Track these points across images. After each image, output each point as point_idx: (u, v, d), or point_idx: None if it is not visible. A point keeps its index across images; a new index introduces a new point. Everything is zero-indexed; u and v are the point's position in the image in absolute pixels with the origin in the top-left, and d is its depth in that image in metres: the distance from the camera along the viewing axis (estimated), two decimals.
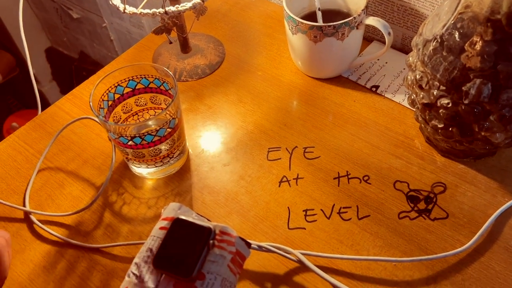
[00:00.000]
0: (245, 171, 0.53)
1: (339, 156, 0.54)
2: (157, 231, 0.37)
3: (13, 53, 1.55)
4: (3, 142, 0.58)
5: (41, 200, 0.52)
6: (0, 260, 0.42)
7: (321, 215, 0.49)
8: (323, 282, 0.43)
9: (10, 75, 1.56)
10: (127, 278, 0.35)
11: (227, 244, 0.35)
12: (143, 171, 0.52)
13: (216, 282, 0.34)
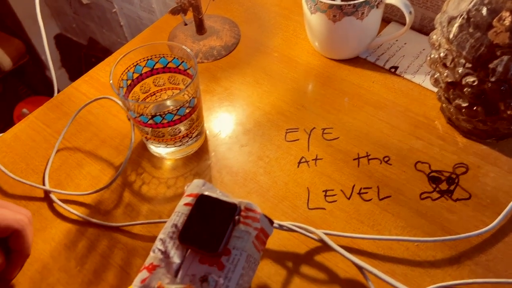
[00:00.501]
0: (263, 152, 0.53)
1: (358, 137, 0.53)
2: (182, 207, 0.37)
3: (23, 40, 1.55)
4: (22, 123, 0.58)
5: (60, 180, 0.52)
6: (23, 239, 0.42)
7: (341, 195, 0.48)
8: (344, 261, 0.43)
9: (20, 61, 1.56)
10: (152, 253, 0.35)
11: (252, 220, 0.35)
12: (162, 151, 0.52)
13: (241, 258, 0.34)
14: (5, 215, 0.40)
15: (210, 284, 0.33)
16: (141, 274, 0.35)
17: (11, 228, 0.40)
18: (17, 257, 0.43)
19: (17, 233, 0.41)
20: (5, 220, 0.40)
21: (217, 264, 0.34)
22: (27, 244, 0.42)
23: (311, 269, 0.43)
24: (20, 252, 0.42)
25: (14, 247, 0.42)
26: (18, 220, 0.41)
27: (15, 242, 0.42)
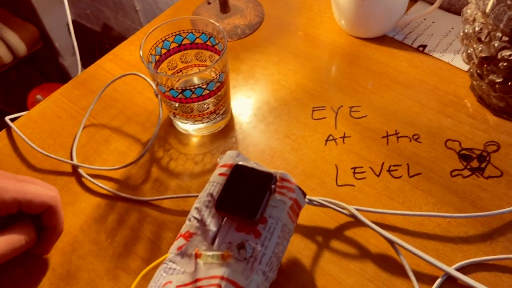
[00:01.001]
0: (289, 129, 0.53)
1: (386, 115, 0.53)
2: (216, 177, 0.37)
3: (37, 26, 1.56)
4: (47, 100, 0.59)
5: (87, 155, 0.52)
6: (57, 215, 0.42)
7: (370, 172, 0.49)
8: (375, 236, 0.44)
9: (34, 48, 1.57)
10: (188, 222, 0.36)
11: (287, 190, 0.36)
12: (189, 127, 0.52)
13: (277, 227, 0.34)
14: (40, 191, 0.41)
15: (247, 251, 0.33)
16: (177, 242, 0.36)
17: (46, 205, 0.40)
18: (51, 233, 0.43)
19: (52, 210, 0.41)
20: (40, 196, 0.40)
21: (253, 232, 0.34)
22: (61, 220, 0.43)
23: (341, 244, 0.43)
24: (54, 228, 0.43)
25: (48, 224, 0.41)
26: (52, 196, 0.41)
27: (50, 218, 0.41)
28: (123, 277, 0.43)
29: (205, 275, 0.32)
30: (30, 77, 1.69)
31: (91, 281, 0.43)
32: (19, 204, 0.39)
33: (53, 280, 0.43)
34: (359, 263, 0.42)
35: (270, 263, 0.35)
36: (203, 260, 0.33)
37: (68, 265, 0.44)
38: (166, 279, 0.34)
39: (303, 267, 0.42)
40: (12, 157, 0.53)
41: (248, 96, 0.57)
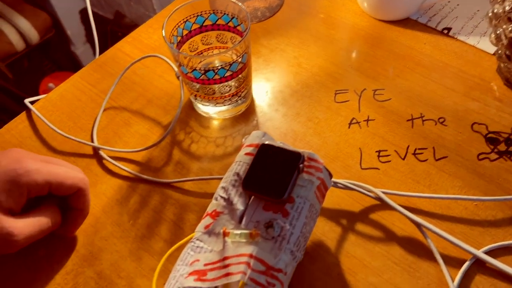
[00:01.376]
0: (312, 112, 0.53)
1: (411, 98, 0.53)
2: (243, 156, 0.37)
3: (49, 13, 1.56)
4: (67, 82, 0.59)
5: (108, 138, 0.53)
6: (86, 197, 0.43)
7: (395, 156, 0.48)
8: (401, 220, 0.43)
9: (47, 35, 1.58)
10: (215, 201, 0.36)
11: (315, 170, 0.35)
12: (210, 110, 0.52)
13: (304, 207, 0.34)
14: (71, 174, 0.40)
15: (275, 230, 0.33)
16: (204, 221, 0.36)
17: (76, 187, 0.40)
18: (78, 215, 0.43)
19: (81, 192, 0.41)
20: (71, 178, 0.40)
21: (281, 211, 0.34)
22: (88, 202, 0.43)
23: (367, 227, 0.43)
24: (81, 210, 0.42)
25: (76, 206, 0.42)
26: (81, 178, 0.41)
27: (78, 200, 0.42)
28: (146, 258, 0.43)
29: (234, 253, 0.32)
30: (42, 65, 1.70)
31: (114, 262, 0.43)
32: (50, 186, 0.39)
33: (76, 260, 0.43)
34: (385, 246, 0.42)
35: (298, 243, 0.34)
36: (231, 239, 0.33)
37: (91, 246, 0.44)
38: (193, 257, 0.34)
39: (327, 249, 0.42)
40: (33, 139, 0.53)
41: (269, 79, 0.57)
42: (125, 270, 0.42)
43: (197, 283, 0.32)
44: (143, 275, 0.42)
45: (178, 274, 0.33)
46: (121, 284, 0.42)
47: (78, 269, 0.43)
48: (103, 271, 0.42)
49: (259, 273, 0.32)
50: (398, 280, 0.40)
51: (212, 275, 0.32)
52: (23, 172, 0.37)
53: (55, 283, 0.42)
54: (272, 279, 0.32)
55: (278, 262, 0.33)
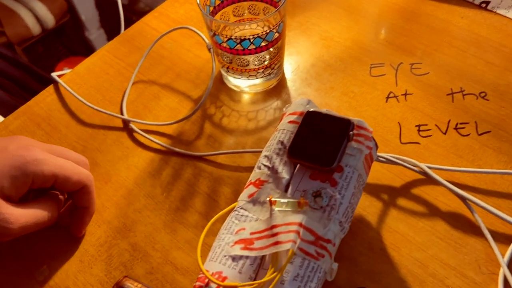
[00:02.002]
0: (347, 87, 0.51)
1: (450, 73, 0.51)
2: (286, 125, 0.35)
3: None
4: (93, 56, 0.57)
5: (138, 111, 0.51)
6: (91, 194, 0.40)
7: (436, 130, 0.46)
8: (445, 195, 0.42)
9: (62, 20, 1.56)
10: (258, 170, 0.34)
11: (364, 138, 0.34)
12: (242, 83, 0.51)
13: (353, 176, 0.33)
14: (77, 169, 0.38)
15: (324, 200, 0.32)
16: (247, 190, 0.35)
17: (81, 183, 0.38)
18: (84, 214, 0.40)
19: (86, 189, 0.39)
20: (78, 174, 0.38)
21: (329, 180, 0.33)
22: (93, 200, 0.41)
23: (409, 202, 0.42)
24: (87, 208, 0.40)
25: (81, 203, 0.40)
26: (87, 175, 0.39)
27: (83, 198, 0.39)
28: (181, 231, 0.42)
29: (282, 221, 0.31)
30: (56, 51, 1.69)
31: (149, 234, 0.42)
32: (56, 179, 0.37)
33: (109, 232, 0.42)
34: (429, 221, 0.40)
35: (346, 213, 0.33)
36: (277, 208, 0.32)
37: (124, 218, 0.43)
38: (238, 226, 0.33)
39: (369, 224, 0.41)
40: (61, 112, 0.52)
41: (301, 53, 0.55)
42: (159, 242, 0.41)
43: (244, 252, 0.31)
44: (179, 247, 0.41)
45: (224, 243, 0.32)
46: (156, 256, 0.40)
47: (111, 241, 0.42)
48: (137, 243, 0.41)
49: (308, 243, 0.31)
50: (444, 256, 0.38)
51: (259, 244, 0.31)
52: (31, 160, 0.35)
53: (88, 255, 0.41)
54: (321, 249, 0.31)
55: (327, 233, 0.31)
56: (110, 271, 0.40)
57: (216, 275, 0.30)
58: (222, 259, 0.31)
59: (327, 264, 0.31)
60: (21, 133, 0.50)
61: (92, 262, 0.41)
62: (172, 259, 0.40)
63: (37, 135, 0.50)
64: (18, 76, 0.79)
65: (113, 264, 0.40)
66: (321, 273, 0.31)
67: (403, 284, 0.37)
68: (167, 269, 0.40)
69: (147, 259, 0.40)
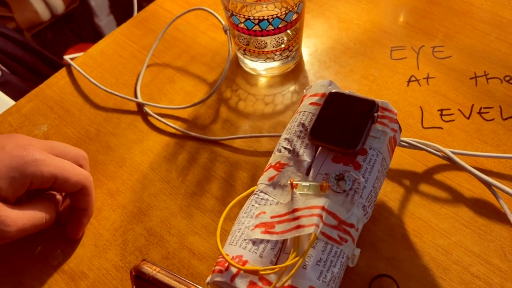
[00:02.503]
0: (367, 70, 0.50)
1: (473, 56, 0.49)
2: (307, 106, 0.35)
3: None
4: (106, 38, 0.57)
5: (152, 94, 0.50)
6: (91, 196, 0.39)
7: (459, 114, 0.45)
8: (469, 180, 0.41)
9: (71, 6, 1.56)
10: (278, 153, 0.34)
11: (389, 120, 0.33)
12: (259, 66, 0.50)
13: (377, 160, 0.32)
14: (77, 170, 0.37)
15: (347, 183, 0.31)
16: (267, 173, 0.34)
17: (80, 184, 0.37)
18: (82, 215, 0.39)
19: (85, 190, 0.38)
20: (77, 175, 0.37)
21: (352, 163, 0.32)
22: (92, 202, 0.40)
23: (431, 188, 0.41)
24: (85, 210, 0.39)
25: (79, 205, 0.39)
26: (87, 176, 0.38)
27: (82, 199, 0.38)
28: (197, 216, 0.41)
29: (304, 205, 0.30)
30: (65, 37, 1.69)
31: (164, 219, 0.41)
32: (55, 180, 0.35)
33: (124, 217, 0.42)
34: (452, 207, 0.39)
35: (370, 198, 0.32)
36: (299, 191, 0.31)
37: (139, 203, 0.43)
38: (258, 209, 0.32)
39: (390, 210, 0.40)
40: (74, 95, 0.52)
41: (319, 36, 0.54)
42: (176, 227, 0.41)
43: (265, 236, 0.30)
44: (195, 232, 0.40)
45: (243, 227, 0.31)
46: (172, 241, 0.40)
47: (127, 225, 0.41)
48: (153, 228, 0.41)
49: (331, 228, 0.30)
50: (468, 243, 0.37)
51: (280, 228, 0.30)
52: (30, 160, 0.34)
53: (103, 240, 0.41)
54: (344, 234, 0.30)
55: (350, 217, 0.31)
56: (125, 256, 0.40)
57: (236, 259, 0.29)
58: (242, 243, 0.30)
59: (349, 249, 0.30)
60: (34, 117, 0.50)
61: (107, 246, 0.40)
62: (189, 244, 0.40)
63: (50, 118, 0.49)
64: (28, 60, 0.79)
65: (128, 249, 0.40)
66: (344, 258, 0.30)
67: (425, 271, 0.36)
68: (184, 254, 0.39)
69: (163, 244, 0.40)
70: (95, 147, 0.47)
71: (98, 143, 0.47)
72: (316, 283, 0.28)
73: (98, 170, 0.45)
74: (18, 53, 0.77)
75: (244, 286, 0.28)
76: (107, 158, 0.46)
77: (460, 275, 0.36)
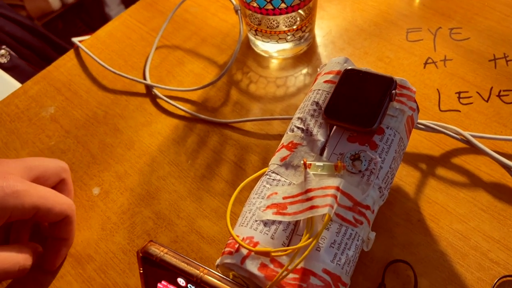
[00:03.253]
0: (382, 52, 0.48)
1: (492, 38, 0.48)
2: (321, 84, 0.33)
3: None
4: (115, 20, 0.56)
5: (161, 76, 0.49)
6: (73, 225, 0.36)
7: (478, 97, 0.43)
8: (488, 164, 0.39)
9: None
10: (290, 132, 0.32)
11: (407, 98, 0.31)
12: (270, 48, 0.48)
13: (394, 139, 0.30)
14: (60, 199, 0.34)
15: (363, 163, 0.30)
16: (279, 153, 0.33)
17: (63, 214, 0.35)
18: (62, 245, 0.36)
19: (67, 220, 0.35)
20: (60, 204, 0.34)
21: (369, 143, 0.30)
22: (73, 231, 0.37)
23: (449, 172, 0.39)
24: (66, 240, 0.37)
25: (61, 235, 0.36)
26: (70, 205, 0.35)
27: (63, 229, 0.36)
28: (207, 199, 0.40)
29: (318, 185, 0.29)
30: (76, 27, 1.68)
31: (173, 202, 0.40)
32: (37, 211, 0.33)
33: (132, 200, 0.41)
34: (471, 192, 0.38)
35: (386, 179, 0.31)
36: (312, 171, 0.30)
37: (148, 186, 0.42)
38: (270, 190, 0.31)
39: (406, 194, 0.38)
40: (82, 77, 0.51)
41: (333, 17, 0.52)
42: (184, 210, 0.40)
43: (277, 217, 0.29)
44: (205, 215, 0.39)
45: (254, 207, 0.30)
46: (182, 224, 0.39)
47: (134, 208, 0.40)
48: (161, 211, 0.40)
49: (346, 209, 0.29)
50: (487, 228, 0.36)
51: (293, 209, 0.29)
52: (11, 192, 0.31)
53: (110, 223, 0.40)
54: (359, 215, 0.29)
55: (366, 198, 0.29)
56: (133, 239, 0.39)
57: (247, 240, 0.28)
58: (253, 224, 0.29)
59: (365, 232, 0.29)
60: (41, 99, 0.49)
61: (115, 230, 0.39)
62: (198, 228, 0.39)
63: (57, 100, 0.49)
64: (37, 45, 0.79)
65: (136, 232, 0.39)
66: (359, 241, 0.29)
67: (442, 257, 0.35)
68: (193, 238, 0.38)
69: (172, 227, 0.39)
70: (103, 130, 0.46)
71: (106, 126, 0.46)
72: (330, 265, 0.27)
73: (106, 153, 0.44)
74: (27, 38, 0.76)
75: (255, 268, 0.27)
76: (115, 141, 0.45)
77: (479, 261, 0.34)
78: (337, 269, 0.27)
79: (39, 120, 0.47)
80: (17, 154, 0.45)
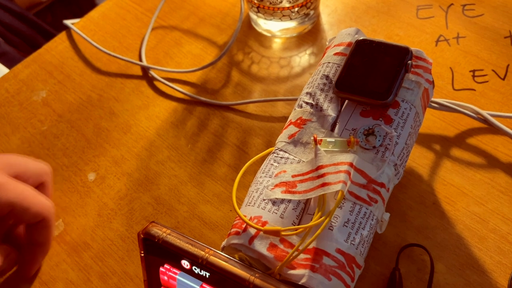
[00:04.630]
0: (391, 30, 0.48)
1: (508, 14, 0.47)
2: (331, 57, 0.32)
3: None
4: (108, 1, 0.55)
5: (158, 58, 0.48)
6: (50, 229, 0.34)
7: (493, 75, 0.43)
8: (506, 144, 0.39)
9: None
10: (299, 108, 0.32)
11: (423, 70, 0.30)
12: (273, 27, 0.48)
13: (410, 114, 0.30)
14: (39, 199, 0.33)
15: (378, 138, 0.29)
16: (287, 130, 0.32)
17: (41, 216, 0.33)
18: (38, 252, 0.35)
19: (45, 223, 0.34)
20: (38, 205, 0.33)
21: (383, 117, 0.30)
22: (51, 236, 0.35)
23: (464, 152, 0.38)
24: (43, 245, 0.35)
25: (36, 239, 0.34)
26: (49, 207, 0.34)
27: (40, 233, 0.34)
28: (209, 184, 0.39)
29: (330, 162, 0.28)
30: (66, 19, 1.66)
31: (173, 187, 0.39)
32: (12, 209, 0.31)
33: (129, 185, 0.40)
34: (488, 173, 0.37)
35: (401, 156, 0.30)
36: (323, 147, 0.29)
37: (146, 170, 0.41)
38: (278, 168, 0.30)
39: (419, 176, 0.38)
40: (75, 59, 0.50)
41: None
42: (185, 195, 0.39)
43: (286, 195, 0.28)
44: (207, 200, 0.38)
45: (262, 186, 0.29)
46: (182, 210, 0.38)
47: (133, 194, 0.39)
48: (161, 197, 0.39)
49: (360, 186, 0.28)
50: (506, 210, 0.35)
51: (303, 187, 0.28)
52: None
53: (107, 209, 0.39)
54: (374, 194, 0.28)
55: (380, 175, 0.29)
56: (131, 225, 0.38)
57: (255, 220, 0.27)
58: (261, 203, 0.28)
59: (379, 212, 0.28)
60: (32, 82, 0.48)
61: (112, 216, 0.39)
62: (200, 213, 0.38)
63: (49, 84, 0.48)
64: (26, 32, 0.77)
65: (134, 218, 0.38)
66: (373, 220, 0.28)
67: (460, 240, 0.34)
68: (194, 223, 0.37)
69: (172, 213, 0.38)
70: (98, 113, 0.45)
71: (101, 109, 0.45)
72: (343, 245, 0.26)
73: (101, 137, 0.43)
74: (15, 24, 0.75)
75: (264, 248, 0.26)
76: (110, 125, 0.44)
77: (498, 244, 0.34)
78: (351, 249, 0.27)
79: (30, 104, 0.46)
80: (8, 139, 0.44)
